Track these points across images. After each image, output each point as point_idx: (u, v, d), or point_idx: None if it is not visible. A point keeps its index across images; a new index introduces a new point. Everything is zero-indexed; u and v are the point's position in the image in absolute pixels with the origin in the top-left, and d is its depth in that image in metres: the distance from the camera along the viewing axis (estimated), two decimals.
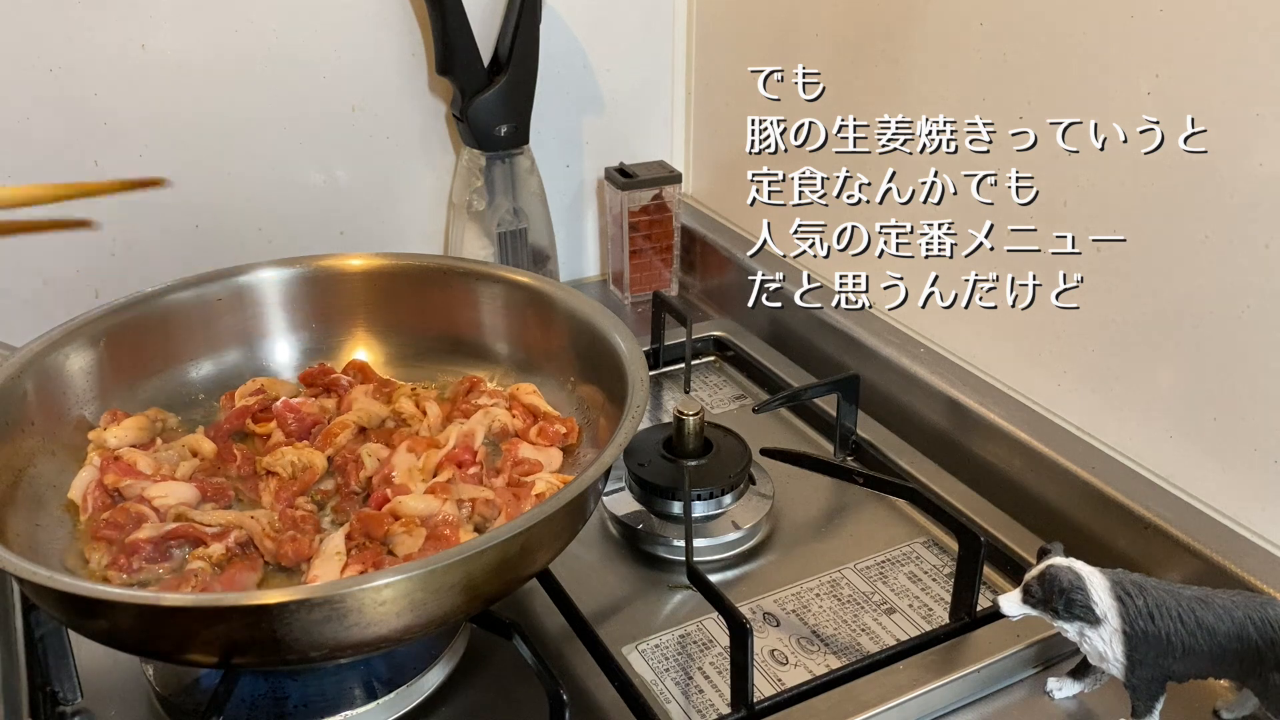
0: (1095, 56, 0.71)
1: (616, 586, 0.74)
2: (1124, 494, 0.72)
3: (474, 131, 1.00)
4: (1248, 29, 0.62)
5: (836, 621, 0.70)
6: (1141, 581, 0.58)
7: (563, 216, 1.13)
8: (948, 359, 0.87)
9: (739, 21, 1.05)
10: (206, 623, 0.52)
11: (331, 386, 0.78)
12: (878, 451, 0.84)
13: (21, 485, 0.66)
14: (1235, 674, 0.58)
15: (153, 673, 0.65)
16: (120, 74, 0.89)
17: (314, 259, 0.82)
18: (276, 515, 0.67)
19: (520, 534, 0.55)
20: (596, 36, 1.08)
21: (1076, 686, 0.64)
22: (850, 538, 0.78)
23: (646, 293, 1.10)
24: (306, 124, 0.98)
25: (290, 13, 0.94)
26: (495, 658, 0.67)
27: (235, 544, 0.64)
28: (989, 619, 0.67)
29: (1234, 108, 0.64)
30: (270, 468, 0.70)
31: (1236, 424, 0.68)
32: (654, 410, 0.93)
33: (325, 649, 0.53)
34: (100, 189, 0.66)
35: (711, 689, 0.65)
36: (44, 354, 0.70)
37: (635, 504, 0.78)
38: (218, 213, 0.97)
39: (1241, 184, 0.64)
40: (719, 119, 1.12)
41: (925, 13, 0.83)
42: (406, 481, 0.68)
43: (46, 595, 0.55)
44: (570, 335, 0.76)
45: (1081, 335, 0.77)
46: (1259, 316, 0.65)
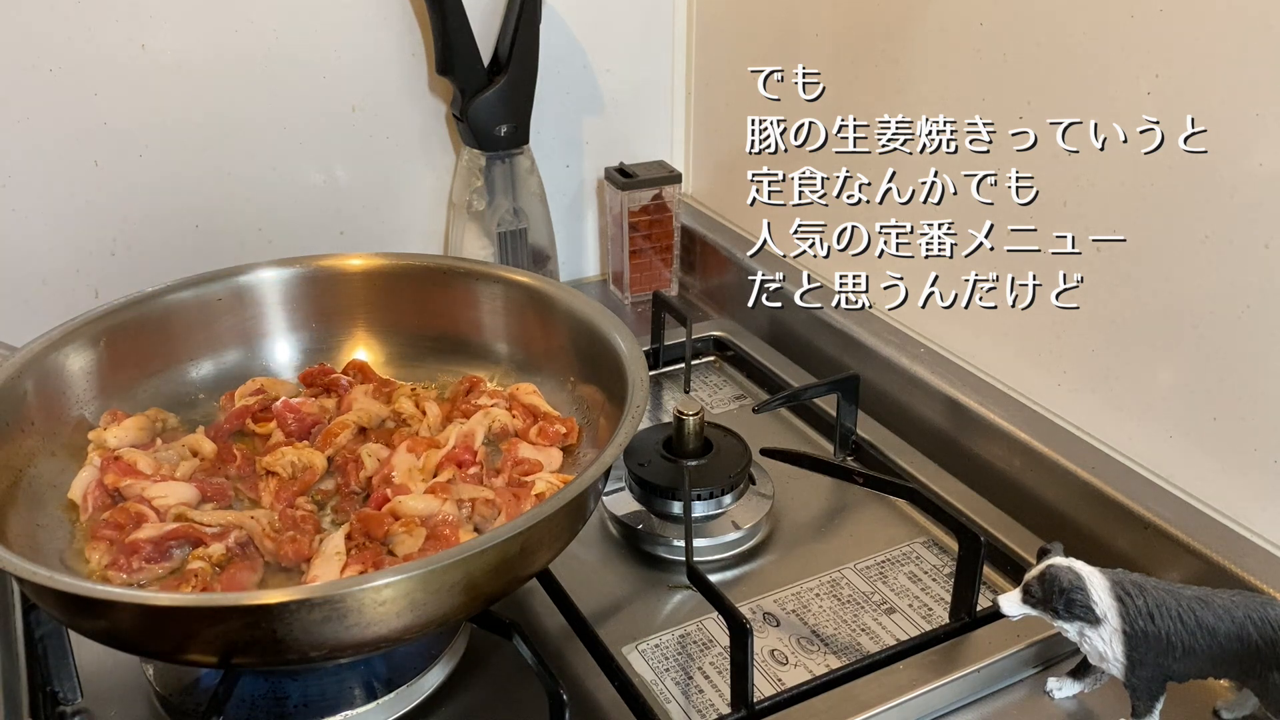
0: (1095, 56, 0.71)
1: (616, 586, 0.74)
2: (1124, 494, 0.72)
3: (474, 131, 1.00)
4: (1248, 29, 0.62)
5: (836, 621, 0.70)
6: (1141, 581, 0.58)
7: (563, 216, 1.13)
8: (948, 359, 0.87)
9: (739, 21, 1.05)
10: (206, 623, 0.52)
11: (331, 386, 0.78)
12: (878, 451, 0.84)
13: (21, 485, 0.66)
14: (1235, 674, 0.58)
15: (153, 673, 0.65)
16: (120, 74, 0.89)
17: (314, 259, 0.82)
18: (276, 515, 0.67)
19: (520, 534, 0.55)
20: (596, 36, 1.08)
21: (1076, 686, 0.64)
22: (850, 538, 0.78)
23: (646, 293, 1.10)
24: (306, 124, 0.98)
25: (290, 13, 0.94)
26: (495, 658, 0.67)
27: (235, 544, 0.64)
28: (989, 619, 0.67)
29: (1234, 108, 0.64)
30: (270, 468, 0.70)
31: (1236, 424, 0.68)
32: (654, 410, 0.93)
33: (325, 649, 0.53)
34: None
35: (711, 689, 0.65)
36: (44, 354, 0.70)
37: (635, 504, 0.78)
38: (218, 213, 0.97)
39: (1241, 184, 0.64)
40: (719, 119, 1.12)
41: (925, 13, 0.83)
42: (406, 481, 0.68)
43: (46, 595, 0.55)
44: (570, 335, 0.76)
45: (1081, 335, 0.77)
46: (1259, 316, 0.65)
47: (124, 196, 0.93)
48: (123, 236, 0.94)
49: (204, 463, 0.72)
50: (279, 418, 0.74)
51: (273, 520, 0.66)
